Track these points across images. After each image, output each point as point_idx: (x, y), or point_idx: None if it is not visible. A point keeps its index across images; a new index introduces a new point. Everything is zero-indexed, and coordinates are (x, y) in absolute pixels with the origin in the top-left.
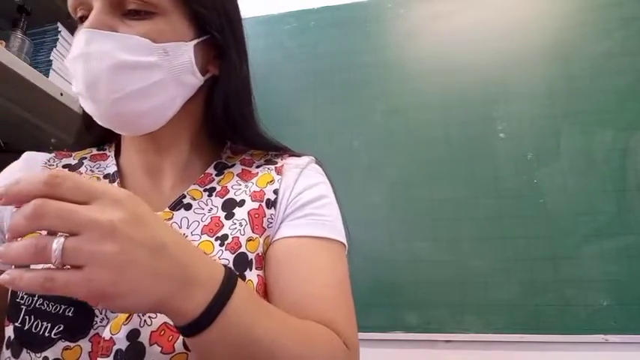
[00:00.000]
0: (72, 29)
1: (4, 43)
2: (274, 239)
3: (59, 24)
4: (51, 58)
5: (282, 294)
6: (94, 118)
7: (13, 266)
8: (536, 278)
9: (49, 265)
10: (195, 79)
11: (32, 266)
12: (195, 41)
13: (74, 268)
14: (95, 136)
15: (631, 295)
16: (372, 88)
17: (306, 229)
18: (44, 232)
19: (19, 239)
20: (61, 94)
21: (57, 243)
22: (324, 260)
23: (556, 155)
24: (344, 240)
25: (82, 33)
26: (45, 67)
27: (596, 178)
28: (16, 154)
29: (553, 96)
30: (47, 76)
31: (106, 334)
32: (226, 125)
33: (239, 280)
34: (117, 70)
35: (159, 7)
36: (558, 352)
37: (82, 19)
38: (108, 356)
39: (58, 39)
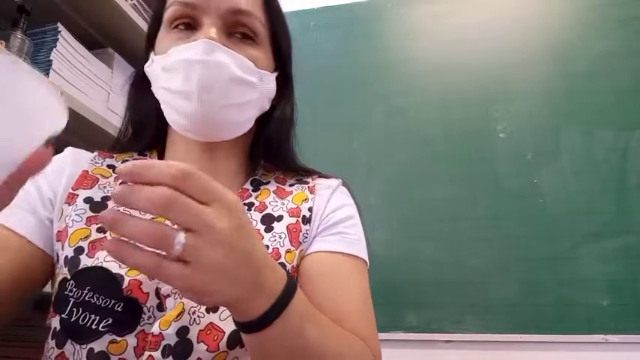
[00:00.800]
0: (72, 29)
1: (4, 43)
2: (307, 253)
3: (59, 24)
4: (51, 58)
5: (318, 307)
6: (183, 118)
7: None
8: (536, 278)
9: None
10: (267, 105)
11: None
12: (276, 73)
13: (181, 262)
14: (138, 143)
15: (631, 295)
16: (372, 88)
17: (337, 245)
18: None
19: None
20: (61, 94)
21: (181, 238)
22: (354, 277)
23: (556, 155)
24: (367, 258)
25: (203, 42)
26: (45, 67)
27: (596, 178)
28: None
29: (553, 96)
30: (47, 76)
31: (155, 329)
32: (274, 148)
33: (297, 288)
34: (231, 81)
35: (260, 37)
36: (558, 352)
37: (179, 25)
38: (156, 350)
39: (58, 39)
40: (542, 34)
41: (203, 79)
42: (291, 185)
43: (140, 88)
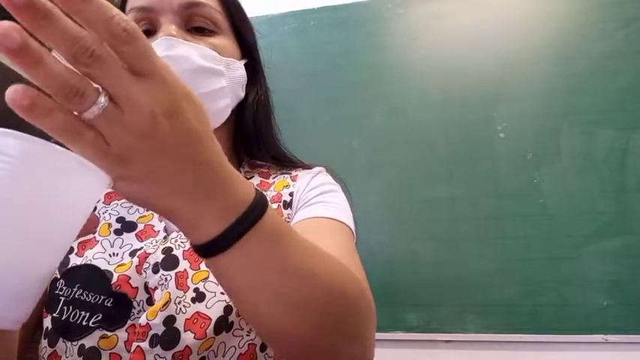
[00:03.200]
0: None
1: None
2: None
3: None
4: None
5: None
6: None
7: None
8: (536, 278)
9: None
10: (242, 93)
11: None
12: (244, 60)
13: (97, 133)
14: None
15: (631, 295)
16: (372, 88)
17: (318, 211)
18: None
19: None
20: None
21: (102, 99)
22: (337, 235)
23: (556, 155)
24: (352, 228)
25: (163, 40)
26: None
27: (596, 178)
28: None
29: (553, 96)
30: None
31: (142, 320)
32: (254, 138)
33: (269, 206)
34: (196, 72)
35: (220, 26)
36: (558, 352)
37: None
38: (144, 341)
39: None
40: (542, 34)
41: None
42: (274, 177)
43: None
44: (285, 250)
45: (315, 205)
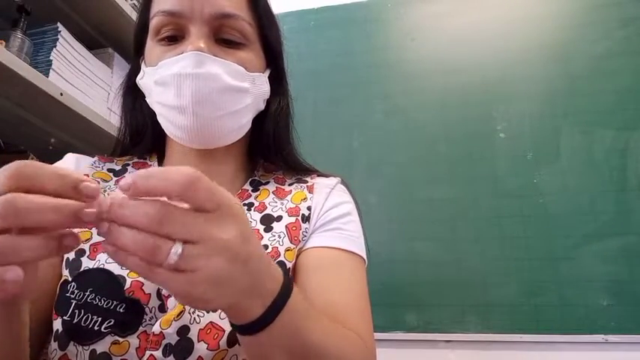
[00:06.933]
0: (72, 29)
1: (4, 43)
2: (304, 248)
3: (59, 24)
4: (51, 58)
5: (311, 300)
6: (180, 131)
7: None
8: (536, 278)
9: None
10: (263, 105)
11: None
12: (268, 72)
13: (177, 271)
14: (138, 149)
15: (631, 295)
16: (372, 88)
17: (334, 241)
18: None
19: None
20: (61, 94)
21: (176, 248)
22: (350, 273)
23: (556, 155)
24: (365, 256)
25: (192, 55)
26: (45, 67)
27: (596, 178)
28: (15, 154)
29: (553, 96)
30: (47, 76)
31: (156, 328)
32: (272, 144)
33: (294, 288)
34: (224, 91)
35: (248, 38)
36: (558, 352)
37: (166, 38)
38: (157, 350)
39: (58, 39)
40: (542, 34)
41: (196, 93)
42: (290, 185)
43: (135, 97)
44: (307, 325)
45: (331, 232)
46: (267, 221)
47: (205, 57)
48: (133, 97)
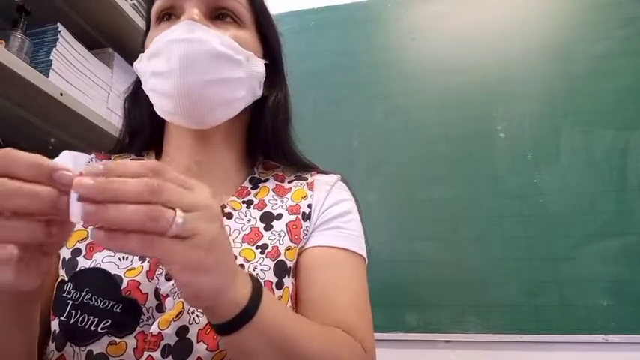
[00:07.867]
0: (72, 29)
1: (4, 43)
2: (305, 247)
3: (59, 24)
4: (51, 58)
5: (311, 299)
6: (168, 101)
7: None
8: (536, 278)
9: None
10: (259, 91)
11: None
12: (265, 60)
13: (176, 239)
14: (136, 146)
15: (631, 295)
16: (372, 88)
17: (334, 240)
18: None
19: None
20: (61, 94)
21: (179, 214)
22: (349, 270)
23: (556, 155)
24: (365, 255)
25: (184, 23)
26: (45, 67)
27: (596, 178)
28: None
29: (553, 96)
30: (47, 76)
31: (154, 329)
32: (271, 140)
33: (265, 290)
34: (214, 57)
35: (244, 21)
36: (558, 352)
37: (164, 17)
38: (155, 350)
39: (58, 39)
40: (542, 34)
41: (184, 56)
42: (290, 182)
43: (135, 98)
44: (287, 323)
45: (332, 230)
46: (267, 219)
47: (197, 25)
48: (134, 97)
